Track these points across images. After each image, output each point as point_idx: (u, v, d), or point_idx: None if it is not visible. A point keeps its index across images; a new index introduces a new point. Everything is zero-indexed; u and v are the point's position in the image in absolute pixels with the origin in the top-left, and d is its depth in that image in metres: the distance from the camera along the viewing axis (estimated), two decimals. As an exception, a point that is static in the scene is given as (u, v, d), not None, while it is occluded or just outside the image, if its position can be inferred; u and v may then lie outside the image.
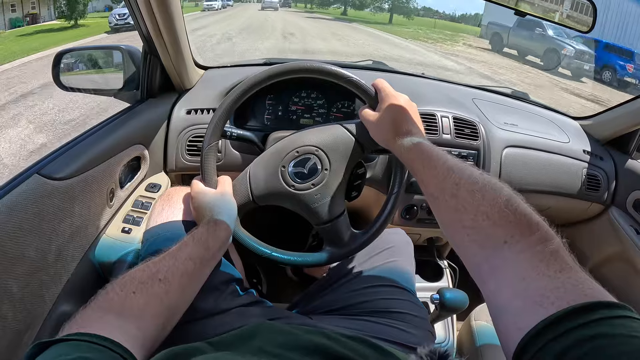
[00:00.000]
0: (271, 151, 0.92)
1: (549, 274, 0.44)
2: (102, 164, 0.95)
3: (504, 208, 0.53)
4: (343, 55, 11.14)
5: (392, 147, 0.81)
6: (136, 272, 0.63)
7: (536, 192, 1.38)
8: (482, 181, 0.58)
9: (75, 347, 0.45)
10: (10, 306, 0.74)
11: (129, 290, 0.59)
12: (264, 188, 0.90)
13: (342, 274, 0.96)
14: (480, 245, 0.53)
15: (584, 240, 1.60)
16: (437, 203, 0.64)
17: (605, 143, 1.53)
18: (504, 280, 0.48)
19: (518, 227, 0.50)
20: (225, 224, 0.81)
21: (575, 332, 0.37)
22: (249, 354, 0.55)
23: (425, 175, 0.68)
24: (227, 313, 0.78)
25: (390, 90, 0.85)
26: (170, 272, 0.64)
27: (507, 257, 0.49)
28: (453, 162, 0.65)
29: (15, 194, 0.76)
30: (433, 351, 0.44)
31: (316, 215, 0.90)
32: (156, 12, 0.94)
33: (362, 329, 0.78)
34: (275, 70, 0.87)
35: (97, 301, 0.57)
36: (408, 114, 0.81)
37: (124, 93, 1.20)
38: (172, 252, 0.69)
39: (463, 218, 0.56)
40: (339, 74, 0.87)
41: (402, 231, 1.12)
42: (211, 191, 0.86)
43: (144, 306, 0.59)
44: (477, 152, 1.26)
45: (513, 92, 1.71)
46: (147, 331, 0.58)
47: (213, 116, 0.88)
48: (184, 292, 0.67)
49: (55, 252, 0.84)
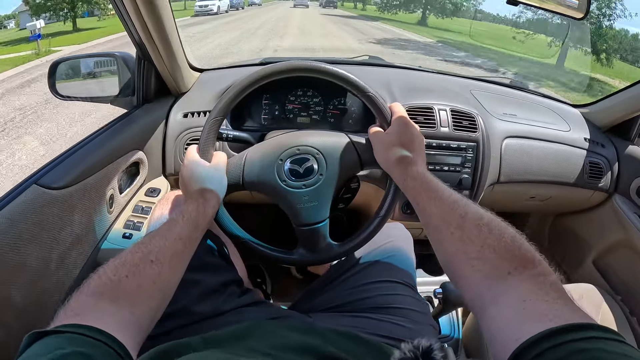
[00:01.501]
0: (272, 142, 0.92)
1: (548, 300, 0.47)
2: (101, 171, 0.96)
3: (510, 243, 0.55)
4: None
5: (393, 172, 0.82)
6: (127, 255, 0.62)
7: (538, 182, 1.38)
8: (487, 217, 0.61)
9: (71, 340, 0.44)
10: (13, 315, 0.75)
11: (122, 274, 0.58)
12: (256, 175, 0.88)
13: (342, 270, 0.95)
14: (484, 275, 0.55)
15: (588, 229, 1.60)
16: (441, 234, 0.64)
17: (606, 130, 1.52)
18: (504, 304, 0.50)
19: (522, 261, 0.53)
20: (215, 199, 0.81)
21: (573, 344, 0.39)
22: (239, 353, 0.55)
23: (429, 206, 0.68)
24: (226, 314, 0.78)
25: (406, 118, 0.85)
26: (162, 252, 0.64)
27: (510, 285, 0.51)
28: (458, 196, 0.67)
29: (15, 204, 0.77)
30: (416, 346, 0.44)
31: (299, 215, 0.89)
32: (145, 17, 0.94)
33: (360, 326, 0.78)
34: (301, 66, 0.86)
35: (90, 286, 0.56)
36: (416, 145, 0.82)
37: (120, 99, 1.20)
38: (162, 231, 0.68)
39: (468, 250, 0.58)
40: (362, 88, 0.86)
41: (402, 225, 1.12)
42: (205, 163, 0.85)
43: (137, 289, 0.58)
44: (476, 144, 1.25)
45: (511, 82, 1.70)
46: (141, 315, 0.58)
47: (228, 90, 0.86)
48: (174, 271, 0.66)
49: (57, 260, 0.85)
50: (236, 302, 0.82)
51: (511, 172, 1.34)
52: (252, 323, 0.69)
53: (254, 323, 0.69)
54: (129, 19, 0.96)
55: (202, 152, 0.86)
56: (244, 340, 0.61)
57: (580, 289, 1.23)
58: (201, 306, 0.77)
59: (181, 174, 0.86)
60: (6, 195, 0.79)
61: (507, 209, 1.61)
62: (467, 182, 1.25)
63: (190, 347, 0.58)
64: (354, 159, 0.90)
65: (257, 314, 0.81)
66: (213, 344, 0.60)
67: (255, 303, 0.86)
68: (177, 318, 0.75)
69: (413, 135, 0.83)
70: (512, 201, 1.50)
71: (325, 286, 0.95)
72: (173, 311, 0.75)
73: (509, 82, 1.69)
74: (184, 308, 0.76)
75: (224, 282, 0.84)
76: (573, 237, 1.67)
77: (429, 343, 0.44)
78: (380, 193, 0.90)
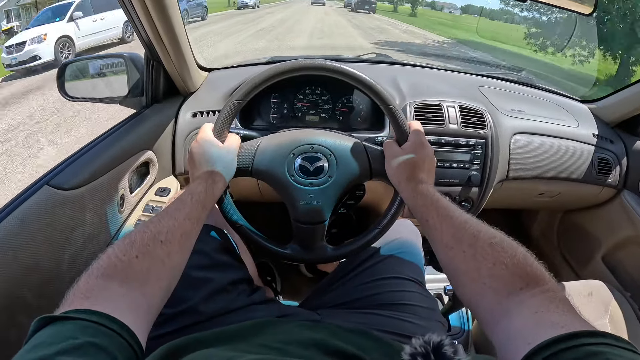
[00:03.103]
0: (287, 135, 0.92)
1: (559, 312, 0.48)
2: (111, 171, 0.96)
3: (522, 261, 0.56)
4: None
5: (402, 188, 0.82)
6: (136, 235, 0.61)
7: (546, 179, 1.37)
8: (499, 236, 0.61)
9: (83, 329, 0.43)
10: (26, 316, 0.75)
11: (132, 254, 0.57)
12: (266, 165, 0.89)
13: (350, 267, 0.96)
14: (495, 291, 0.56)
15: (597, 226, 1.59)
16: (452, 252, 0.65)
17: (614, 126, 1.51)
18: (516, 316, 0.51)
19: (534, 278, 0.54)
20: (223, 182, 0.82)
21: (586, 347, 0.40)
22: (247, 349, 0.55)
23: (440, 224, 0.69)
24: (235, 312, 0.79)
25: (422, 137, 0.86)
26: (171, 233, 0.63)
27: (522, 299, 0.52)
28: (468, 215, 0.68)
29: (27, 206, 0.78)
30: (427, 341, 0.45)
31: (298, 211, 0.89)
32: (155, 17, 0.95)
33: (368, 322, 0.79)
34: (332, 67, 0.86)
35: (99, 267, 0.55)
36: (428, 165, 0.83)
37: (129, 100, 1.21)
38: (170, 211, 0.68)
39: (481, 266, 0.59)
40: (386, 100, 0.86)
41: (410, 222, 1.12)
42: (218, 144, 0.85)
43: (147, 270, 0.58)
44: (485, 140, 1.25)
45: (519, 78, 1.69)
46: (151, 296, 0.57)
47: (254, 77, 0.86)
48: (183, 251, 0.67)
49: (69, 260, 0.85)
50: (246, 300, 0.83)
51: (520, 169, 1.33)
52: (261, 320, 0.69)
53: (263, 320, 0.69)
54: (138, 19, 0.97)
55: (218, 132, 0.85)
56: (252, 337, 0.62)
57: (589, 285, 1.22)
58: (211, 304, 0.78)
59: (192, 149, 0.85)
60: (18, 197, 0.80)
61: (516, 205, 1.60)
62: (476, 179, 1.25)
63: (200, 343, 0.58)
64: (365, 167, 0.90)
65: (267, 311, 0.82)
66: (222, 340, 0.61)
67: (265, 301, 0.86)
68: (187, 316, 0.76)
69: (427, 156, 0.83)
70: (521, 198, 1.49)
71: (333, 283, 0.96)
72: (183, 310, 0.76)
73: (516, 78, 1.68)
74: (194, 306, 0.77)
75: (234, 281, 0.85)
76: (582, 234, 1.66)
77: (440, 338, 0.45)
78: (389, 190, 0.90)
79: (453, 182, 1.26)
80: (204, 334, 0.62)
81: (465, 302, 0.63)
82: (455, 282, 0.65)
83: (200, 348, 0.55)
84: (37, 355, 0.39)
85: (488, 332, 0.56)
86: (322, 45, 10.82)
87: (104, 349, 0.42)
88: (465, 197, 1.27)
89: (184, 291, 0.76)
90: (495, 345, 0.53)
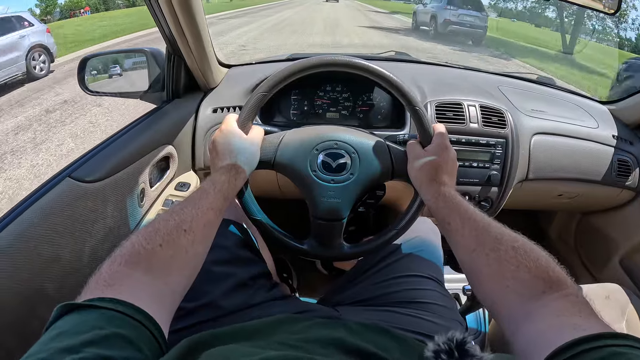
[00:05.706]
0: (311, 131, 0.91)
1: (581, 316, 0.48)
2: (132, 165, 0.97)
3: (544, 264, 0.57)
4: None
5: (423, 190, 0.81)
6: (160, 223, 0.61)
7: (566, 180, 1.36)
8: (522, 240, 0.62)
9: (109, 319, 0.43)
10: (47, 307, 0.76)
11: (156, 243, 0.57)
12: (288, 159, 0.88)
13: (369, 265, 0.95)
14: (518, 295, 0.56)
15: (616, 228, 1.57)
16: (475, 255, 0.64)
17: (634, 127, 1.49)
18: (539, 319, 0.51)
19: (556, 282, 0.54)
20: (244, 173, 0.82)
21: (609, 348, 0.40)
22: (266, 346, 0.54)
23: (462, 227, 0.69)
24: (254, 308, 0.79)
25: (446, 140, 0.85)
26: (195, 222, 0.63)
27: (544, 303, 0.52)
28: (490, 219, 0.68)
29: (49, 197, 0.78)
30: (451, 338, 0.45)
31: (318, 207, 0.88)
32: (178, 12, 0.95)
33: (387, 320, 0.78)
34: (362, 66, 0.85)
35: (123, 255, 0.54)
36: (450, 168, 0.83)
37: (150, 95, 1.21)
38: (194, 200, 0.68)
39: (504, 270, 0.59)
40: (412, 101, 0.85)
41: (429, 220, 1.11)
42: (242, 135, 0.84)
43: (171, 259, 0.58)
44: (505, 140, 1.24)
45: (538, 78, 1.68)
46: (175, 285, 0.58)
47: (281, 70, 0.85)
48: (206, 241, 0.67)
49: (90, 253, 0.86)
50: (265, 296, 0.83)
51: (540, 169, 1.32)
52: (280, 317, 0.69)
53: (281, 317, 0.69)
54: (161, 13, 0.98)
55: (242, 123, 0.85)
56: (271, 334, 0.61)
57: (606, 288, 1.21)
58: (231, 299, 0.78)
59: (215, 139, 0.85)
60: (40, 188, 0.81)
61: (534, 206, 1.59)
62: (495, 179, 1.24)
63: (219, 339, 0.58)
64: (387, 166, 0.89)
65: (285, 308, 0.81)
66: (241, 336, 0.60)
67: (283, 297, 0.86)
68: (207, 310, 0.76)
69: (450, 159, 0.83)
70: (540, 198, 1.48)
71: (352, 280, 0.95)
72: (203, 304, 0.76)
73: (536, 77, 1.67)
74: (214, 301, 0.77)
75: (254, 275, 0.85)
76: (600, 236, 1.64)
77: (462, 335, 0.45)
78: (408, 189, 0.89)
79: (472, 181, 1.25)
80: (223, 329, 0.61)
81: (486, 304, 0.63)
82: (477, 284, 0.65)
83: (219, 344, 0.54)
84: (62, 345, 0.38)
85: (509, 335, 0.56)
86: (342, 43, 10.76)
87: (131, 342, 0.42)
88: (484, 196, 1.27)
89: (204, 285, 0.76)
90: (516, 347, 0.52)
